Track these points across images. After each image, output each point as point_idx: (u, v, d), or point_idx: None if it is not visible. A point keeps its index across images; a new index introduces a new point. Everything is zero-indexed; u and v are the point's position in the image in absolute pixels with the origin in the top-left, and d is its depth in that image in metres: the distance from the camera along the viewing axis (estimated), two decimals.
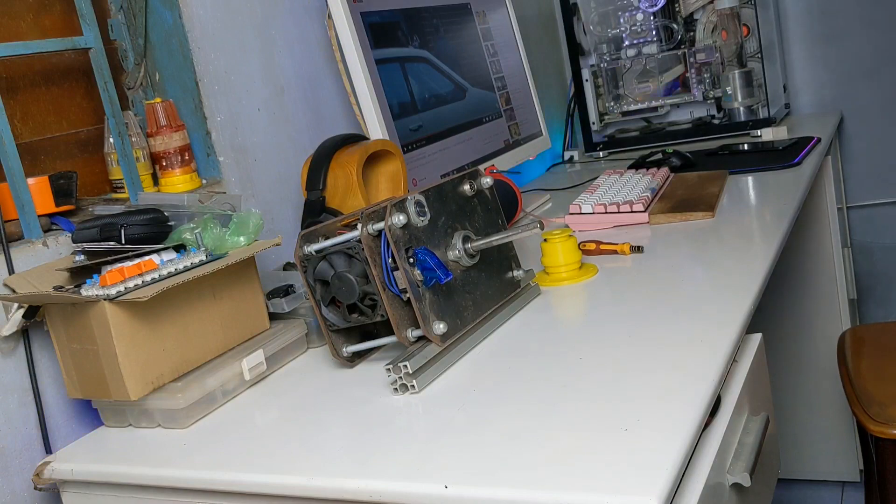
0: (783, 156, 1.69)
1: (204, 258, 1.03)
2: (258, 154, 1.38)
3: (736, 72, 2.06)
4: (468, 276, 1.03)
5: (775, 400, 1.10)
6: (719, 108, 2.13)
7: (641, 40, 2.13)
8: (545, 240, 1.20)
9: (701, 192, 1.49)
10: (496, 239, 1.03)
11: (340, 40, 1.36)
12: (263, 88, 1.40)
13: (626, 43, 2.14)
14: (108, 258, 0.99)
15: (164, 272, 0.98)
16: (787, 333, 1.72)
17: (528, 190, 1.86)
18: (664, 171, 1.64)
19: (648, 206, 1.44)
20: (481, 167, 1.14)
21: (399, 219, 0.94)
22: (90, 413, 1.06)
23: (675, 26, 2.11)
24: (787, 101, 2.27)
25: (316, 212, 1.24)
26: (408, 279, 0.94)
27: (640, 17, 2.12)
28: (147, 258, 0.99)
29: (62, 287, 0.99)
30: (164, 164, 1.26)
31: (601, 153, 2.19)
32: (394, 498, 0.76)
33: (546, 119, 1.91)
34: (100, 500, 0.96)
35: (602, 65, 2.18)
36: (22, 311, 1.00)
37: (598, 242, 1.29)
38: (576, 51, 2.18)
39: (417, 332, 0.97)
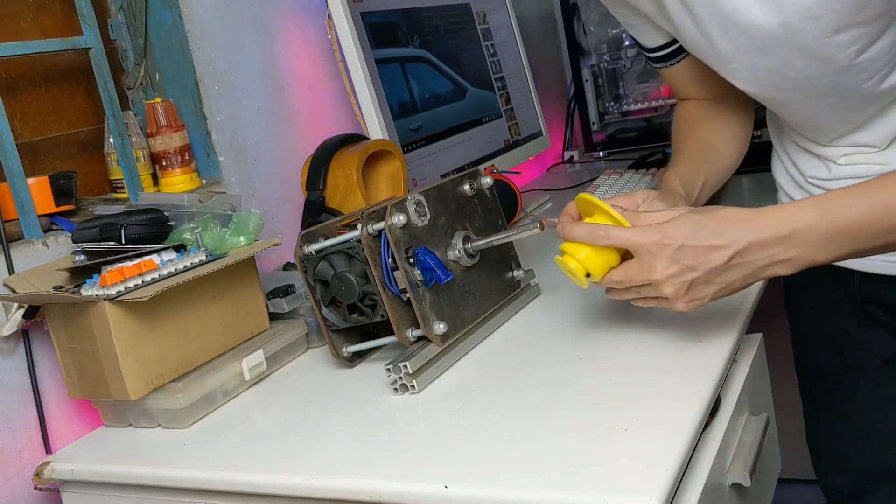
0: None
1: (204, 258, 1.03)
2: (258, 154, 1.38)
3: None
4: (468, 276, 1.03)
5: (775, 400, 1.09)
6: None
7: None
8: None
9: None
10: (496, 239, 1.03)
11: (340, 40, 1.36)
12: (263, 88, 1.40)
13: (626, 43, 2.14)
14: (108, 258, 0.99)
15: (164, 272, 0.98)
16: (787, 333, 1.72)
17: (528, 190, 1.86)
18: (664, 171, 1.63)
19: None
20: (481, 167, 1.14)
21: (399, 219, 0.94)
22: (90, 413, 1.06)
23: None
24: None
25: (316, 212, 1.24)
26: (408, 279, 0.94)
27: None
28: (147, 258, 0.99)
29: (62, 287, 0.99)
30: (164, 164, 1.26)
31: (601, 153, 2.19)
32: (394, 498, 0.76)
33: (546, 119, 1.91)
34: (100, 500, 0.96)
35: (602, 65, 2.18)
36: (22, 311, 1.00)
37: None
38: (576, 51, 2.18)
39: (417, 332, 0.97)
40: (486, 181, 1.10)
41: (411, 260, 0.95)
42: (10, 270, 1.01)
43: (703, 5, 0.95)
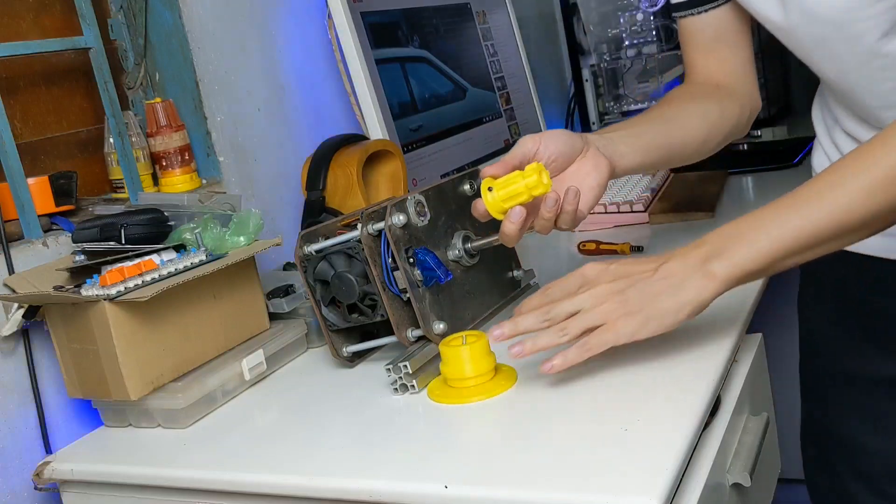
0: (783, 156, 1.69)
1: (204, 258, 1.03)
2: (258, 154, 1.38)
3: None
4: (468, 276, 1.03)
5: (775, 400, 1.09)
6: None
7: (641, 40, 2.13)
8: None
9: (701, 192, 1.49)
10: (496, 239, 1.02)
11: (340, 40, 1.36)
12: (263, 88, 1.40)
13: (626, 43, 2.14)
14: (108, 258, 0.99)
15: (164, 272, 0.98)
16: (787, 333, 1.72)
17: None
18: (664, 171, 1.64)
19: (648, 206, 1.44)
20: (481, 167, 1.14)
21: (399, 219, 0.94)
22: (90, 413, 1.06)
23: (675, 26, 2.11)
24: (788, 101, 2.27)
25: (316, 212, 1.24)
26: (408, 279, 0.94)
27: (640, 17, 2.12)
28: (147, 258, 0.99)
29: (62, 287, 0.99)
30: (164, 164, 1.26)
31: None
32: (394, 498, 0.76)
33: (546, 119, 1.91)
34: (100, 500, 0.96)
35: (602, 65, 2.18)
36: (22, 311, 1.00)
37: (598, 242, 1.29)
38: (576, 51, 2.17)
39: (417, 332, 0.97)
40: None
41: (411, 260, 0.95)
42: (10, 270, 1.01)
43: None
